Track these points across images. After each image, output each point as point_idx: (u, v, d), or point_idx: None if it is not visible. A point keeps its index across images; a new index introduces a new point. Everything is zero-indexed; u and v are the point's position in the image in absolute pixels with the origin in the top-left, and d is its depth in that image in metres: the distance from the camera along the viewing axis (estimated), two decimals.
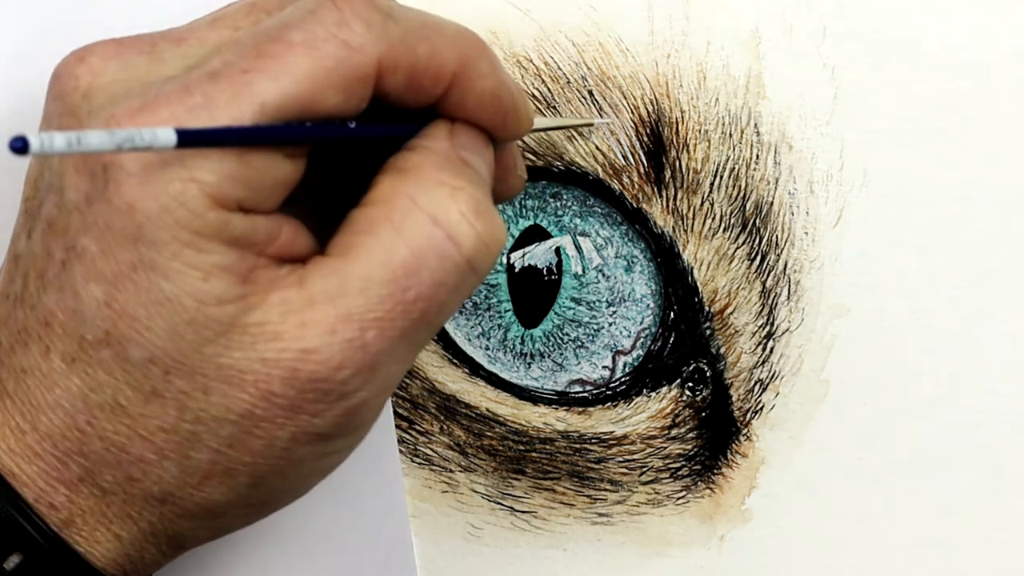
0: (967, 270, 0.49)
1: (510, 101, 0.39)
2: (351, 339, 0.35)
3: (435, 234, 0.36)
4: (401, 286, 0.35)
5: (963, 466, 0.50)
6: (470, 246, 0.36)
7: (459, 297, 0.37)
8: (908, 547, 0.50)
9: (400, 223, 0.36)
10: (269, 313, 0.35)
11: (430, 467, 0.50)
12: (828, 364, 0.49)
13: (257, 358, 0.35)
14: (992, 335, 0.49)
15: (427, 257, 0.36)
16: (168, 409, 0.35)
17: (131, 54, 0.36)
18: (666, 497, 0.50)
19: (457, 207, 0.36)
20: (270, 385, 0.35)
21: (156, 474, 0.36)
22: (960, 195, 0.49)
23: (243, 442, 0.36)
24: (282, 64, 0.35)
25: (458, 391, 0.50)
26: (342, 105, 0.36)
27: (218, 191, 0.34)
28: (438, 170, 0.37)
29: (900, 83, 0.49)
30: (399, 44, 0.36)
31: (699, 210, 0.49)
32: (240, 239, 0.35)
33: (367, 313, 0.35)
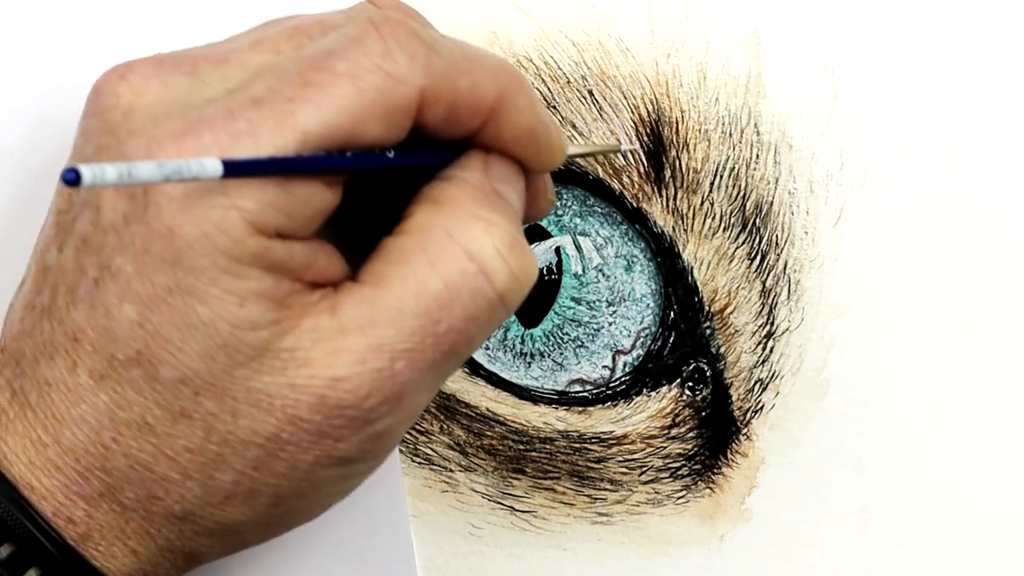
0: (967, 270, 0.49)
1: (545, 135, 0.39)
2: (380, 369, 0.35)
3: (469, 269, 0.36)
4: (433, 319, 0.36)
5: (963, 466, 0.50)
6: (503, 282, 0.36)
7: (489, 331, 0.37)
8: (908, 547, 0.50)
9: (434, 255, 0.36)
10: (301, 339, 0.35)
11: (430, 467, 0.50)
12: (828, 364, 0.49)
13: (287, 383, 0.35)
14: (992, 335, 0.49)
15: (460, 291, 0.36)
16: (196, 430, 0.35)
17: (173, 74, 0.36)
18: (666, 497, 0.50)
19: (492, 242, 0.36)
20: (298, 410, 0.35)
21: (179, 493, 0.36)
22: (960, 195, 0.49)
23: (267, 465, 0.36)
24: (326, 94, 0.35)
25: (458, 391, 0.50)
26: (383, 136, 0.36)
27: (258, 219, 0.34)
28: (473, 203, 0.37)
29: (900, 83, 0.49)
30: (441, 76, 0.36)
31: (699, 210, 0.49)
32: (277, 265, 0.35)
33: (397, 344, 0.35)
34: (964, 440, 0.49)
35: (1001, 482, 0.50)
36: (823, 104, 0.49)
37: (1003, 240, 0.49)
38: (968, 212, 0.49)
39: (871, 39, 0.49)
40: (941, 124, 0.49)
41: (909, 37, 0.49)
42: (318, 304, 0.36)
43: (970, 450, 0.49)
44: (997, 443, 0.49)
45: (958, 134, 0.49)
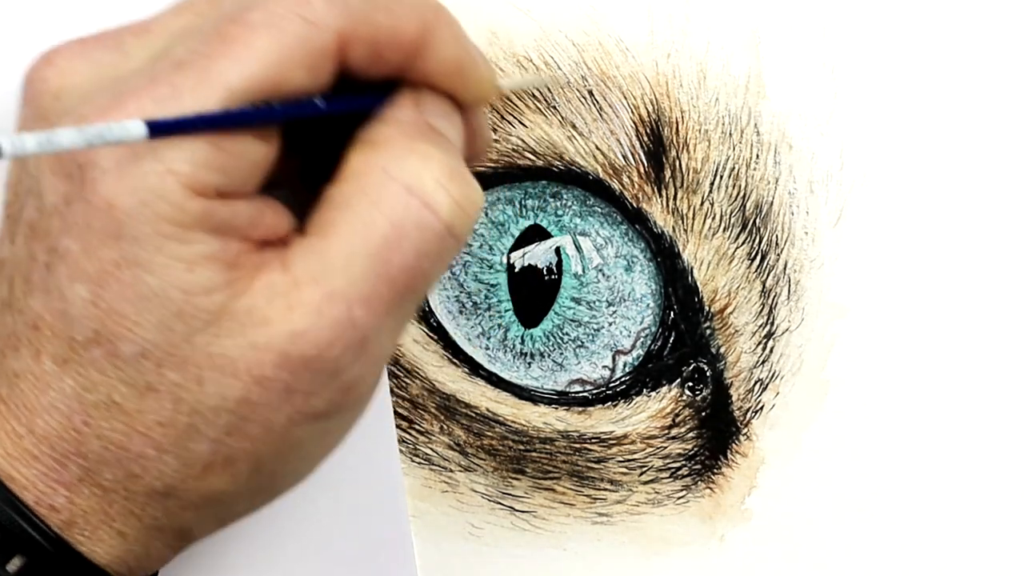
0: (967, 269, 0.49)
1: (472, 67, 0.38)
2: (338, 317, 0.35)
3: (411, 203, 0.36)
4: (383, 259, 0.35)
5: (963, 466, 0.50)
6: (447, 212, 0.36)
7: (442, 264, 0.37)
8: (908, 547, 0.50)
9: (376, 196, 0.36)
10: (256, 298, 0.35)
11: (430, 467, 0.50)
12: (828, 364, 0.49)
13: (247, 344, 0.35)
14: (992, 335, 0.49)
15: (406, 227, 0.36)
16: (164, 403, 0.35)
17: (98, 51, 0.36)
18: (666, 497, 0.50)
19: (431, 174, 0.36)
20: (263, 370, 0.35)
21: (157, 469, 0.36)
22: (960, 194, 0.49)
23: (241, 429, 0.36)
24: (244, 46, 0.35)
25: (458, 391, 0.50)
26: (308, 82, 0.35)
27: (195, 180, 0.34)
28: (408, 139, 0.37)
29: (900, 83, 0.49)
30: (360, 16, 0.36)
31: (699, 210, 0.49)
32: (222, 226, 0.35)
33: (352, 290, 0.35)
34: (964, 440, 0.49)
35: (1001, 482, 0.50)
36: (823, 104, 0.49)
37: (1003, 240, 0.49)
38: (968, 212, 0.49)
39: (871, 39, 0.49)
40: (941, 124, 0.49)
41: (909, 37, 0.49)
42: (270, 262, 0.35)
43: (970, 450, 0.49)
44: (997, 443, 0.50)
45: (958, 134, 0.49)
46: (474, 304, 0.50)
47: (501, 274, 0.49)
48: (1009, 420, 0.49)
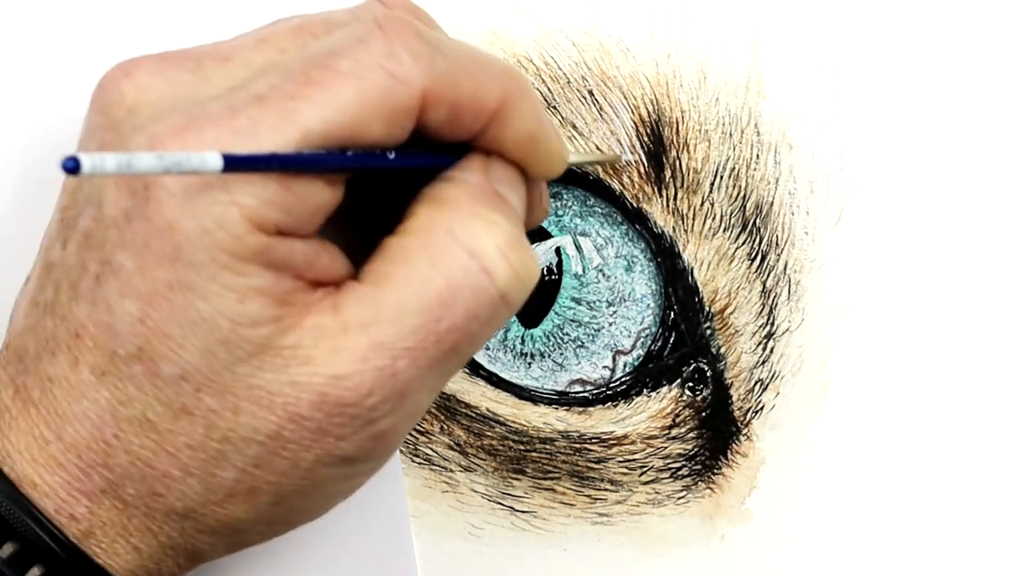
0: (967, 269, 0.49)
1: (546, 142, 0.39)
2: (382, 367, 0.35)
3: (471, 267, 0.36)
4: (435, 317, 0.36)
5: (963, 466, 0.50)
6: (504, 280, 0.36)
7: (491, 330, 0.37)
8: (908, 547, 0.50)
9: (436, 254, 0.36)
10: (302, 337, 0.35)
11: (430, 467, 0.50)
12: (828, 364, 0.49)
13: (288, 381, 0.35)
14: (992, 334, 0.49)
15: (462, 289, 0.36)
16: (196, 426, 0.35)
17: (176, 71, 0.36)
18: (666, 497, 0.50)
19: (493, 241, 0.36)
20: (299, 408, 0.35)
21: (180, 490, 0.36)
22: (960, 194, 0.49)
23: (269, 462, 0.36)
24: (328, 92, 0.35)
25: (458, 391, 0.50)
26: (385, 136, 0.36)
27: (258, 215, 0.34)
28: (474, 203, 0.37)
29: (900, 83, 0.49)
30: (445, 78, 0.36)
31: (699, 210, 0.49)
32: (278, 262, 0.35)
33: (399, 342, 0.35)
34: (964, 440, 0.49)
35: (1002, 482, 0.50)
36: (823, 104, 0.49)
37: (1003, 240, 0.49)
38: (968, 212, 0.49)
39: (871, 39, 0.49)
40: (941, 124, 0.49)
41: (909, 37, 0.49)
42: (320, 303, 0.36)
43: (970, 450, 0.49)
44: (997, 443, 0.50)
45: (958, 134, 0.49)
46: None
47: None
48: (1009, 420, 0.49)
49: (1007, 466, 0.50)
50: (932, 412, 0.49)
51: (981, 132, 0.49)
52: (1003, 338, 0.49)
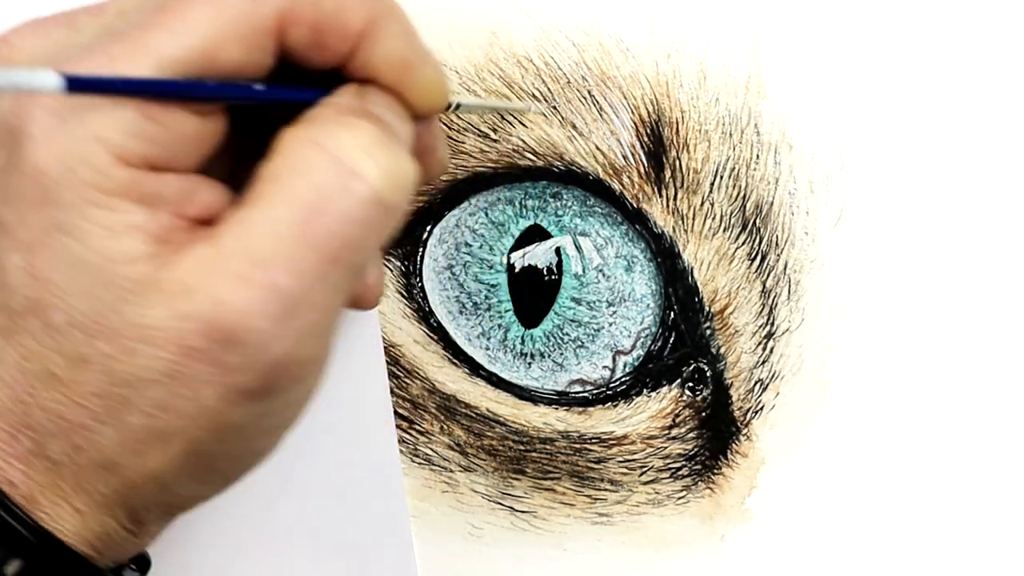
0: (967, 269, 0.49)
1: (421, 68, 0.38)
2: (262, 284, 0.35)
3: (337, 170, 0.35)
4: (309, 225, 0.35)
5: (963, 465, 0.50)
6: (374, 177, 0.36)
7: (372, 233, 0.36)
8: (908, 547, 0.50)
9: (303, 165, 0.35)
10: (182, 270, 0.35)
11: (430, 467, 0.50)
12: (828, 364, 0.49)
13: (173, 314, 0.35)
14: (992, 334, 0.49)
15: (331, 193, 0.35)
16: (97, 374, 0.35)
17: (49, 27, 0.37)
18: (666, 497, 0.50)
19: (357, 143, 0.36)
20: (188, 340, 0.35)
21: (98, 441, 0.36)
22: (960, 194, 0.49)
23: (173, 404, 0.35)
24: (180, 18, 0.35)
25: (458, 391, 0.50)
26: (244, 60, 0.36)
27: (122, 148, 0.34)
28: (341, 115, 0.37)
29: (900, 83, 0.49)
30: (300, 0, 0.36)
31: (699, 210, 0.49)
32: (151, 197, 0.35)
33: (275, 256, 0.35)
34: (964, 440, 0.49)
35: (1002, 482, 0.50)
36: (823, 104, 0.49)
37: (1003, 240, 0.49)
38: (968, 212, 0.49)
39: (871, 39, 0.49)
40: (941, 124, 0.49)
41: (909, 37, 0.49)
42: (201, 238, 0.35)
43: (970, 450, 0.49)
44: (997, 443, 0.50)
45: (958, 134, 0.49)
46: (474, 304, 0.50)
47: (501, 274, 0.49)
48: (1009, 420, 0.49)
49: (1007, 466, 0.50)
50: (932, 412, 0.49)
51: (981, 132, 0.49)
52: (1003, 338, 0.49)
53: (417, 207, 0.49)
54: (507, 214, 0.49)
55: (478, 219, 0.49)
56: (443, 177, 0.49)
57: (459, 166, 0.49)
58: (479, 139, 0.49)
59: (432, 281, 0.49)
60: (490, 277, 0.49)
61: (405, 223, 0.49)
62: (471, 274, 0.49)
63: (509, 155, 0.49)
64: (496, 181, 0.49)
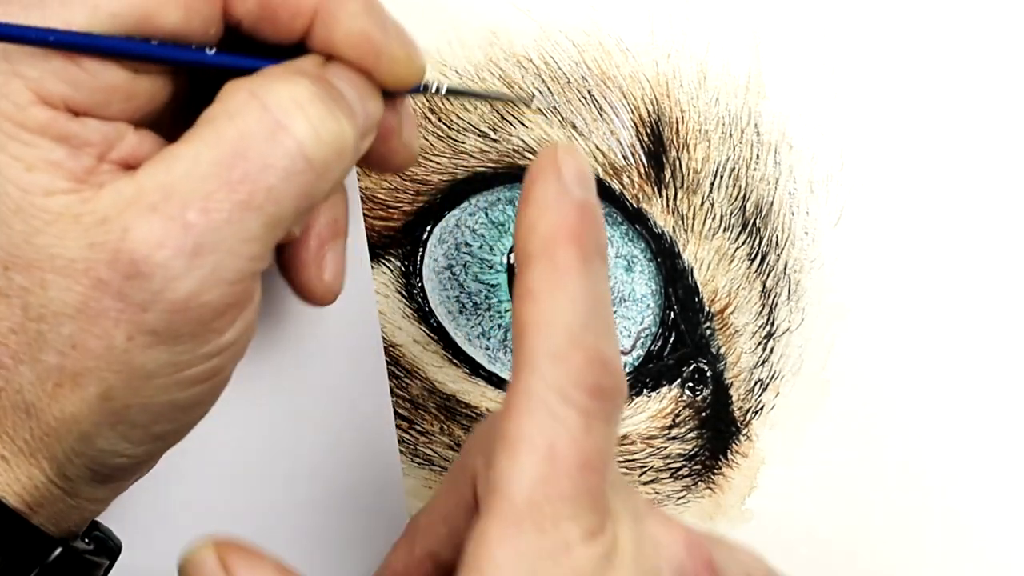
0: (967, 269, 0.49)
1: (384, 42, 0.38)
2: (171, 216, 0.35)
3: (264, 118, 0.35)
4: (226, 166, 0.35)
5: (963, 465, 0.50)
6: (301, 132, 0.36)
7: (293, 189, 0.36)
8: (908, 547, 0.50)
9: (234, 111, 0.36)
10: (100, 203, 0.35)
11: (430, 467, 0.50)
12: (828, 364, 0.49)
13: (86, 244, 0.35)
14: (992, 334, 0.49)
15: (255, 138, 0.35)
16: (14, 308, 0.36)
17: None
18: (666, 497, 0.50)
19: (291, 95, 0.36)
20: (97, 271, 0.35)
21: (16, 381, 0.36)
22: (960, 195, 0.49)
23: (84, 343, 0.35)
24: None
25: (458, 391, 0.50)
26: (183, 22, 0.36)
27: (41, 87, 0.35)
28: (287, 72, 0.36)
29: (900, 84, 0.49)
30: None
31: (699, 210, 0.49)
32: (71, 138, 0.35)
33: (189, 192, 0.35)
34: (964, 440, 0.49)
35: (1001, 482, 0.50)
36: (823, 104, 0.49)
37: (1003, 240, 0.49)
38: (968, 212, 0.49)
39: (871, 39, 0.49)
40: (941, 124, 0.49)
41: (909, 37, 0.49)
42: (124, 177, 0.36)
43: (970, 450, 0.49)
44: (997, 443, 0.50)
45: (958, 134, 0.49)
46: (474, 304, 0.50)
47: (501, 274, 0.49)
48: (1009, 420, 0.49)
49: (1006, 465, 0.50)
50: (932, 412, 0.49)
51: (981, 132, 0.49)
52: (1003, 338, 0.49)
53: (417, 207, 0.49)
54: (507, 214, 0.49)
55: (478, 219, 0.49)
56: (443, 177, 0.49)
57: (459, 166, 0.49)
58: (479, 139, 0.49)
59: (432, 281, 0.49)
60: (490, 277, 0.49)
61: (405, 223, 0.49)
62: (471, 274, 0.49)
63: (509, 155, 0.49)
64: (496, 181, 0.49)
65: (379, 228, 0.49)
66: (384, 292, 0.49)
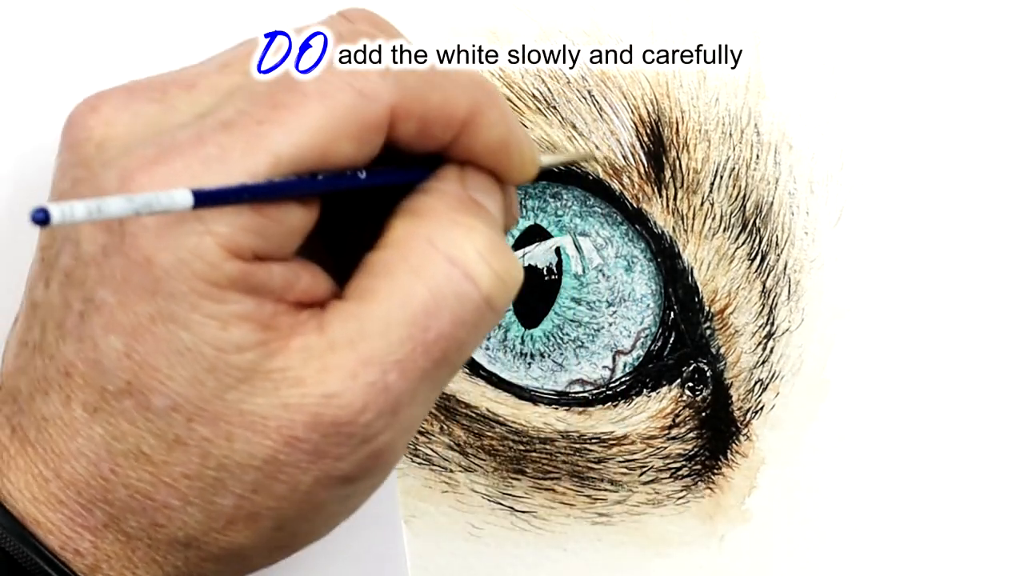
0: (967, 269, 0.49)
1: (517, 147, 0.39)
2: (373, 382, 0.35)
3: (453, 274, 0.36)
4: (421, 327, 0.36)
5: (963, 466, 0.50)
6: (488, 284, 0.36)
7: (479, 335, 0.37)
8: (908, 547, 0.50)
9: (417, 264, 0.36)
10: (290, 359, 0.35)
11: (430, 467, 0.50)
12: (828, 364, 0.49)
13: (279, 404, 0.35)
14: (992, 334, 0.49)
15: (446, 297, 0.36)
16: (192, 456, 0.35)
17: (142, 102, 0.36)
18: (666, 497, 0.50)
19: (473, 246, 0.36)
20: (293, 431, 0.35)
21: (181, 520, 0.36)
22: (960, 195, 0.49)
23: (267, 487, 0.36)
24: (295, 115, 0.35)
25: (458, 391, 0.50)
26: (355, 154, 0.36)
27: (233, 242, 0.34)
28: (452, 211, 0.37)
29: (900, 83, 0.49)
30: (413, 92, 0.36)
31: (699, 210, 0.49)
32: (258, 287, 0.35)
33: (388, 356, 0.35)
34: (964, 440, 0.50)
35: (1001, 482, 0.50)
36: (823, 104, 0.49)
37: (1003, 240, 0.49)
38: (968, 212, 0.49)
39: (871, 39, 0.49)
40: (941, 124, 0.49)
41: (909, 37, 0.49)
42: (306, 323, 0.35)
43: (970, 450, 0.50)
44: (997, 443, 0.50)
45: (958, 134, 0.49)
46: None
47: None
48: (1008, 420, 0.49)
49: (1006, 465, 0.50)
50: (932, 412, 0.49)
51: (981, 132, 0.49)
52: (1002, 338, 0.49)
53: None
54: None
55: None
56: None
57: None
58: None
59: None
60: None
61: None
62: None
63: None
64: None
65: None
66: None
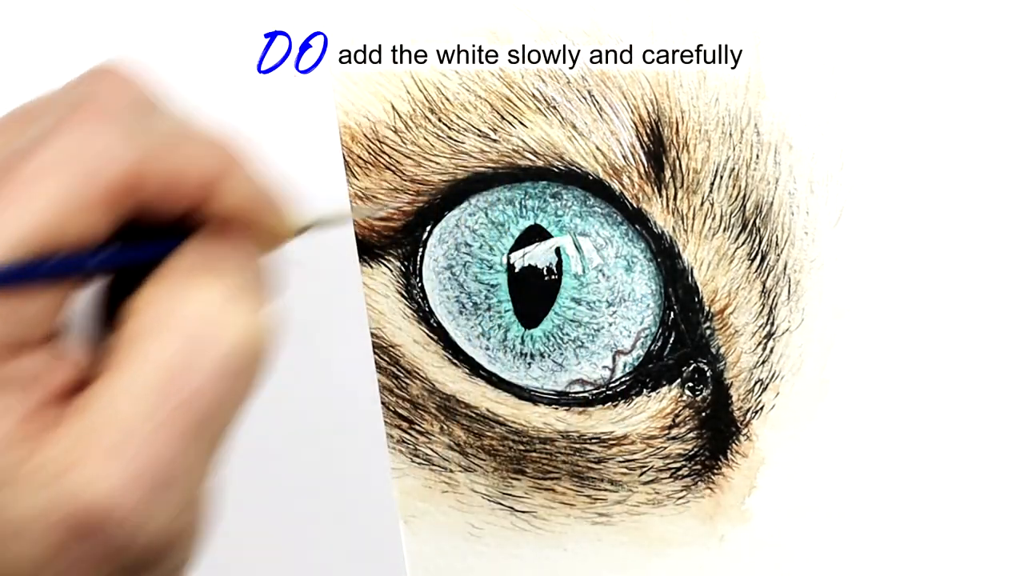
0: (967, 269, 0.49)
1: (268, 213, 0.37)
2: (134, 456, 0.33)
3: (198, 327, 0.34)
4: (175, 387, 0.34)
5: (963, 465, 0.50)
6: (238, 332, 0.34)
7: (241, 386, 0.35)
8: (908, 547, 0.50)
9: (160, 325, 0.34)
10: (53, 451, 0.33)
11: (430, 467, 0.50)
12: (828, 364, 0.49)
13: (43, 504, 0.33)
14: (992, 334, 0.49)
15: (193, 351, 0.34)
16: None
17: None
18: (666, 497, 0.50)
19: (213, 297, 0.35)
20: (59, 534, 0.33)
21: None
22: (960, 195, 0.49)
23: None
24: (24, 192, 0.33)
25: (458, 391, 0.50)
26: (94, 225, 0.34)
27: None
28: (193, 268, 0.35)
29: (900, 83, 0.49)
30: (152, 153, 0.35)
31: (699, 210, 0.49)
32: (10, 382, 0.33)
33: (144, 425, 0.33)
34: (964, 440, 0.49)
35: (1001, 482, 0.50)
36: (823, 104, 0.49)
37: (1002, 240, 0.49)
38: (968, 212, 0.49)
39: (871, 39, 0.49)
40: (941, 124, 0.49)
41: (909, 38, 0.49)
42: (69, 413, 0.33)
43: (970, 450, 0.49)
44: (997, 443, 0.50)
45: (958, 134, 0.49)
46: (474, 304, 0.50)
47: (501, 274, 0.49)
48: (1008, 420, 0.49)
49: (1006, 465, 0.50)
50: (931, 412, 0.49)
51: (981, 132, 0.49)
52: (1002, 338, 0.49)
53: (417, 207, 0.49)
54: (507, 214, 0.49)
55: (478, 219, 0.49)
56: (443, 177, 0.49)
57: (459, 166, 0.49)
58: (479, 139, 0.49)
59: (432, 281, 0.49)
60: (490, 277, 0.49)
61: (405, 223, 0.49)
62: (471, 274, 0.49)
63: (509, 155, 0.49)
64: (496, 181, 0.49)
65: (379, 228, 0.49)
66: (384, 292, 0.49)
